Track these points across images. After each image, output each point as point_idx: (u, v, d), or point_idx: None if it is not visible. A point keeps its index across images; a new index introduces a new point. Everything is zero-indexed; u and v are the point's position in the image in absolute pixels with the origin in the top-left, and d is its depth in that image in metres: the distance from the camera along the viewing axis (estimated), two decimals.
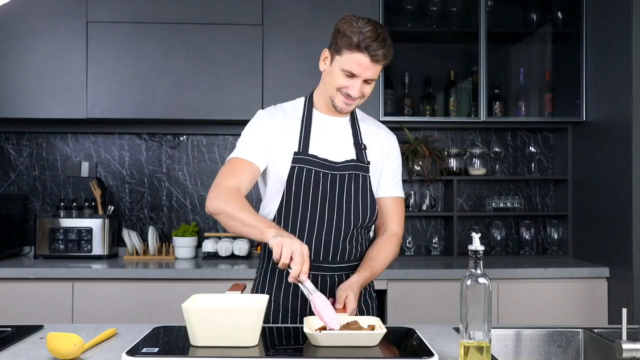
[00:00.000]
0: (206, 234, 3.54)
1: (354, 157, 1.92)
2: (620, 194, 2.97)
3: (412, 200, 3.62)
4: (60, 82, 3.26)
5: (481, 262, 1.37)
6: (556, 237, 3.59)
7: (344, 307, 1.71)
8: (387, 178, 1.98)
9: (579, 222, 3.44)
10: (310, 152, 1.88)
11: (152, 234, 3.45)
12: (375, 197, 1.96)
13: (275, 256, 1.57)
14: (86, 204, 3.47)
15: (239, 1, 3.29)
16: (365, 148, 1.94)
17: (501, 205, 3.63)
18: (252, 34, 3.29)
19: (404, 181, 3.67)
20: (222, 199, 1.76)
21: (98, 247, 3.35)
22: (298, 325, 1.78)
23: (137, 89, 3.27)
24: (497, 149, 3.65)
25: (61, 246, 3.33)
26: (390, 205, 1.98)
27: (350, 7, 3.30)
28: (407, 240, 3.60)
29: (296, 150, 1.88)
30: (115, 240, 3.51)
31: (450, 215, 3.51)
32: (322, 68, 1.91)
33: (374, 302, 2.03)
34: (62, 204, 3.45)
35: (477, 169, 3.61)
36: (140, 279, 3.03)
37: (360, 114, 2.02)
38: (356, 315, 1.80)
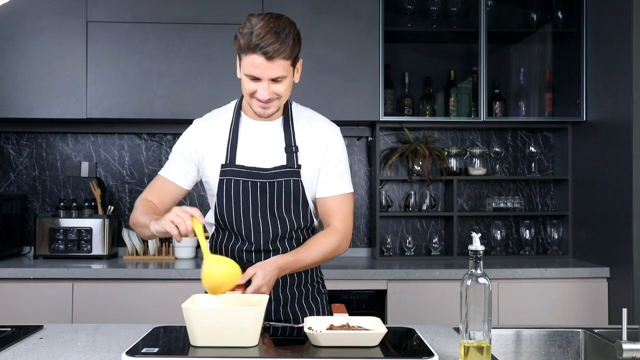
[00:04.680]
0: (206, 234, 3.53)
1: (284, 163, 1.86)
2: (621, 194, 2.97)
3: (412, 200, 3.62)
4: (60, 82, 3.26)
5: (481, 262, 1.37)
6: (556, 237, 3.59)
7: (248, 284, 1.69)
8: (327, 175, 1.90)
9: (579, 222, 3.44)
10: (238, 162, 1.85)
11: None
12: (317, 196, 1.91)
13: (172, 233, 1.67)
14: (86, 204, 3.47)
15: (239, 1, 3.28)
16: (296, 151, 1.87)
17: (501, 205, 3.62)
18: None
19: (404, 181, 3.68)
20: (132, 215, 1.89)
21: (98, 247, 3.35)
22: (299, 325, 1.78)
23: (137, 89, 3.27)
24: (497, 149, 3.65)
25: (61, 246, 3.33)
26: (332, 203, 1.90)
27: (350, 7, 3.31)
28: (407, 240, 3.60)
29: (223, 162, 1.86)
30: (115, 240, 3.51)
31: (450, 215, 3.51)
32: (238, 75, 1.84)
33: (323, 298, 1.99)
34: (62, 204, 3.45)
35: (477, 169, 3.61)
36: (140, 279, 3.03)
37: (296, 111, 1.94)
38: (307, 313, 1.89)
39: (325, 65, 3.29)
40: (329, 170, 1.90)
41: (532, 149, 3.69)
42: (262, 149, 1.87)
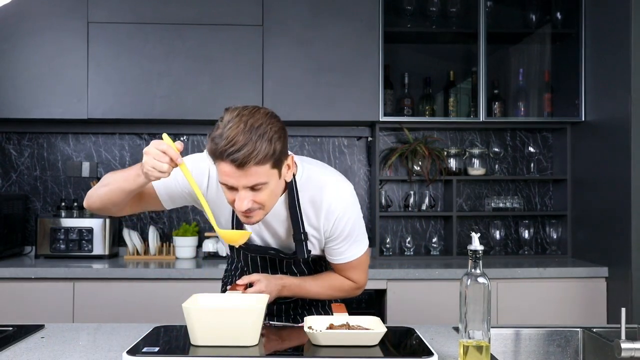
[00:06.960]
0: (206, 234, 3.55)
1: (293, 249, 1.77)
2: (619, 194, 2.98)
3: (411, 200, 3.63)
4: (61, 82, 3.26)
5: (480, 261, 1.38)
6: (555, 236, 3.60)
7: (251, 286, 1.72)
8: (337, 247, 1.78)
9: (578, 222, 3.45)
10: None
11: (152, 234, 3.46)
12: (329, 259, 1.83)
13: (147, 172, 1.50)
14: None
15: (239, 1, 3.29)
16: (305, 239, 1.73)
17: (500, 205, 3.63)
18: (252, 34, 3.30)
19: (404, 181, 3.69)
20: (92, 189, 1.74)
21: (99, 247, 3.36)
22: (299, 324, 1.79)
23: (137, 89, 3.28)
24: (496, 149, 3.66)
25: (62, 246, 3.34)
26: (345, 266, 1.82)
27: (350, 7, 3.31)
28: (407, 240, 3.61)
29: None
30: (116, 240, 3.52)
31: (450, 215, 3.52)
32: None
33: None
34: (63, 204, 3.46)
35: (477, 169, 3.62)
36: (140, 278, 3.04)
37: (301, 182, 1.70)
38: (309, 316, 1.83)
39: (325, 65, 3.30)
40: (337, 243, 1.76)
41: (531, 149, 3.70)
42: (268, 230, 1.76)
